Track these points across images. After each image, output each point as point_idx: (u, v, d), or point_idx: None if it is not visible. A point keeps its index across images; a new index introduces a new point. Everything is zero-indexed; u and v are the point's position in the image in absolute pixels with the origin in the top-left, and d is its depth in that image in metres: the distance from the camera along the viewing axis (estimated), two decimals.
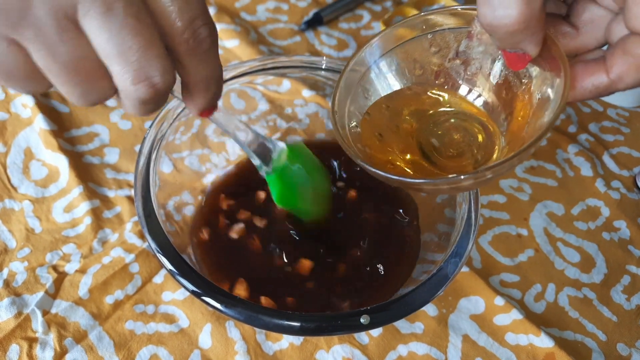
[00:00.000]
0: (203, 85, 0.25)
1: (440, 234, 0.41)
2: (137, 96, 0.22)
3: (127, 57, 0.21)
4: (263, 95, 0.50)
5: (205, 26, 0.23)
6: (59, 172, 0.48)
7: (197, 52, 0.23)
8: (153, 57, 0.21)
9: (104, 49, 0.21)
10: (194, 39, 0.23)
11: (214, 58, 0.25)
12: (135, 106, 0.23)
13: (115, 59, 0.21)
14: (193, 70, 0.24)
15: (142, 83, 0.22)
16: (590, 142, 0.58)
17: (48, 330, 0.39)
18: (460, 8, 0.29)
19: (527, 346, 0.42)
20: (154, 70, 0.22)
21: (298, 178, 0.38)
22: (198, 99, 0.26)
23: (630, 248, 0.50)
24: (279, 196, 0.37)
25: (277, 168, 0.36)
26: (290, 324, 0.31)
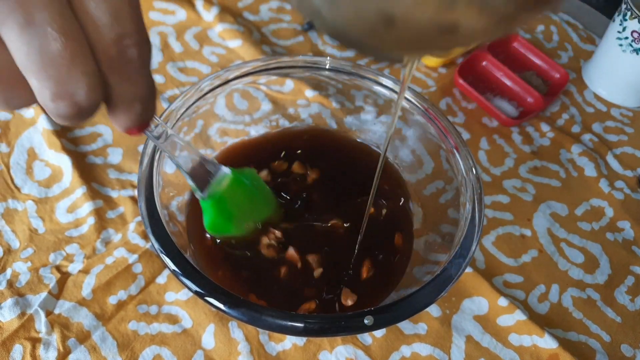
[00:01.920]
0: (126, 103, 0.23)
1: (444, 234, 0.40)
2: (57, 112, 0.21)
3: (47, 73, 0.19)
4: (266, 96, 0.50)
5: (135, 46, 0.21)
6: (62, 172, 0.48)
7: (122, 71, 0.21)
8: (78, 74, 0.20)
9: (22, 61, 0.19)
10: (120, 57, 0.21)
11: (143, 78, 0.23)
12: (56, 119, 0.21)
13: (33, 73, 0.19)
14: (116, 88, 0.22)
15: (62, 100, 0.20)
16: (594, 142, 0.58)
17: (51, 330, 0.39)
18: None
19: (531, 347, 0.42)
20: (78, 87, 0.20)
21: (236, 207, 0.36)
22: (120, 117, 0.24)
23: (634, 249, 0.50)
24: (209, 224, 0.36)
25: (214, 194, 0.34)
26: (294, 324, 0.31)
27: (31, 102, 0.21)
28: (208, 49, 0.60)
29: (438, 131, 0.42)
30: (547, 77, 0.63)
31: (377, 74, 0.44)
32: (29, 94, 0.21)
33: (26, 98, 0.21)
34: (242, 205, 0.36)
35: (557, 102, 0.62)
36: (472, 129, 0.57)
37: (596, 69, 0.63)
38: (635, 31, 0.55)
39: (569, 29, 0.71)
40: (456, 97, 0.60)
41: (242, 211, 0.37)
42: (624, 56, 0.58)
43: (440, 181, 0.44)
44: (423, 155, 0.46)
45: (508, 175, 0.54)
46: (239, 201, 0.36)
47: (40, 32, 0.18)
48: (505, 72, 0.61)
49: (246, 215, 0.38)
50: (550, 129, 0.58)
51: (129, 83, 0.22)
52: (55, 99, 0.20)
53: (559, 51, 0.68)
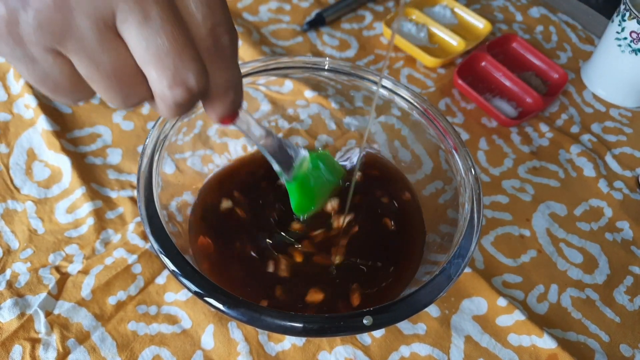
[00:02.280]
0: (222, 91, 0.25)
1: (443, 234, 0.41)
2: (174, 99, 0.23)
3: (164, 63, 0.21)
4: (265, 96, 0.50)
5: (227, 34, 0.23)
6: (61, 172, 0.48)
7: (217, 58, 0.23)
8: (188, 61, 0.22)
9: (142, 55, 0.21)
10: (216, 46, 0.23)
11: (234, 65, 0.25)
12: (171, 109, 0.24)
13: (152, 65, 0.22)
14: (213, 76, 0.24)
15: (178, 87, 0.22)
16: (592, 143, 0.58)
17: (51, 331, 0.39)
18: None
19: (530, 347, 0.42)
20: (189, 73, 0.22)
21: (317, 187, 0.38)
22: (217, 106, 0.26)
23: (633, 249, 0.50)
24: (297, 205, 0.37)
25: (297, 176, 0.36)
26: (293, 324, 0.31)
27: (145, 99, 0.24)
28: None
29: (437, 131, 0.42)
30: (546, 77, 0.63)
31: (376, 75, 0.44)
32: (145, 90, 0.23)
33: (142, 94, 0.23)
34: (320, 184, 0.38)
35: (556, 102, 0.62)
36: (471, 129, 0.57)
37: (595, 69, 0.63)
38: (634, 32, 0.56)
39: (567, 29, 0.71)
40: (455, 98, 0.60)
41: (321, 189, 0.39)
42: (622, 56, 0.58)
43: (440, 181, 0.44)
44: (422, 156, 0.46)
45: (507, 176, 0.54)
46: (317, 180, 0.37)
47: (155, 26, 0.21)
48: (504, 72, 0.62)
49: (324, 192, 0.40)
50: (549, 129, 0.58)
51: (224, 70, 0.24)
52: (172, 86, 0.22)
53: (558, 51, 0.68)
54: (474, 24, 0.68)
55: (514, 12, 0.72)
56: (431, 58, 0.61)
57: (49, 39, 0.20)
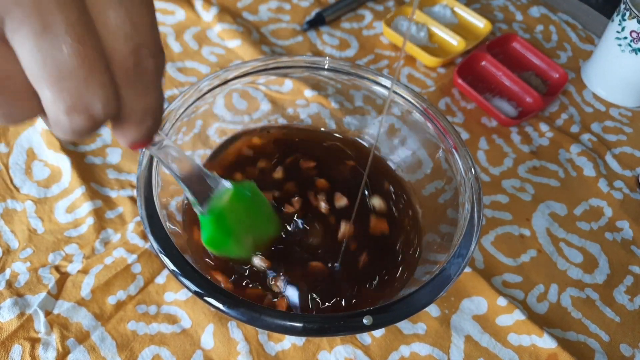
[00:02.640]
0: (137, 118, 0.22)
1: (443, 234, 0.41)
2: (70, 126, 0.19)
3: (63, 85, 0.18)
4: (265, 96, 0.50)
5: (152, 57, 0.20)
6: (61, 172, 0.48)
7: (136, 83, 0.21)
8: (96, 86, 0.19)
9: (35, 72, 0.18)
10: (136, 69, 0.20)
11: (156, 90, 0.22)
12: (66, 134, 0.20)
13: (46, 84, 0.18)
14: (129, 101, 0.21)
15: (78, 113, 0.19)
16: (592, 142, 0.58)
17: (50, 330, 0.39)
18: None
19: (530, 347, 0.42)
20: (94, 100, 0.19)
21: (237, 222, 0.34)
22: (129, 132, 0.23)
23: (633, 248, 0.50)
24: (208, 239, 0.33)
25: (214, 209, 0.32)
26: (293, 324, 0.31)
27: (33, 116, 0.20)
28: (207, 49, 0.60)
29: (437, 131, 0.42)
30: (546, 77, 0.63)
31: (376, 74, 0.44)
32: (34, 107, 0.20)
33: (30, 111, 0.20)
34: (243, 221, 0.35)
35: (556, 102, 0.62)
36: (471, 128, 0.57)
37: (595, 69, 0.63)
38: (634, 31, 0.56)
39: (568, 28, 0.71)
40: (455, 97, 0.60)
41: (243, 227, 0.35)
42: (622, 56, 0.58)
43: (439, 181, 0.44)
44: (422, 155, 0.46)
45: (507, 175, 0.54)
46: (239, 217, 0.34)
47: (57, 40, 0.17)
48: (504, 72, 0.61)
49: (246, 232, 0.36)
50: (549, 128, 0.58)
51: (142, 96, 0.21)
52: (70, 112, 0.19)
53: (558, 51, 0.68)
54: (474, 24, 0.68)
55: (514, 12, 0.72)
56: (431, 57, 0.61)
57: None
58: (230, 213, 0.33)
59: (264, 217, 0.38)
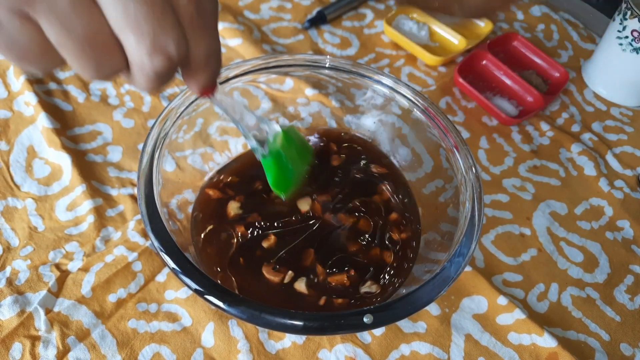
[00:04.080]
0: (202, 60, 0.24)
1: (443, 233, 0.41)
2: (153, 68, 0.22)
3: (143, 28, 0.20)
4: (266, 94, 0.50)
5: (209, 1, 0.23)
6: (61, 170, 0.48)
7: (198, 26, 0.23)
8: (167, 27, 0.21)
9: (119, 21, 0.20)
10: (197, 12, 0.22)
11: (214, 34, 0.24)
12: (149, 79, 0.22)
13: (130, 30, 0.20)
14: (194, 44, 0.23)
15: (157, 54, 0.21)
16: (593, 142, 0.58)
17: (51, 328, 0.39)
18: None
19: (530, 346, 0.42)
20: (169, 40, 0.21)
21: (291, 161, 0.38)
22: (198, 76, 0.25)
23: (634, 248, 0.50)
24: (274, 181, 0.37)
25: (272, 151, 0.36)
26: (293, 322, 0.31)
27: (120, 69, 0.22)
28: None
29: (438, 130, 0.42)
30: (547, 76, 0.63)
31: (377, 73, 0.44)
32: (120, 59, 0.22)
33: (116, 63, 0.22)
34: (295, 158, 0.38)
35: (556, 101, 0.62)
36: (471, 127, 0.57)
37: (596, 68, 0.63)
38: (636, 30, 0.55)
39: (569, 27, 0.71)
40: (456, 96, 0.60)
41: (296, 163, 0.39)
42: (624, 55, 0.58)
43: (440, 180, 0.44)
44: (423, 154, 0.46)
45: (508, 174, 0.54)
46: (292, 155, 0.38)
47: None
48: (505, 71, 0.61)
49: (298, 166, 0.40)
50: (550, 128, 0.58)
51: (204, 38, 0.23)
52: (151, 53, 0.21)
53: (559, 50, 0.68)
54: (475, 23, 0.68)
55: (516, 11, 0.72)
56: (432, 56, 0.61)
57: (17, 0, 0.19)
58: (285, 152, 0.37)
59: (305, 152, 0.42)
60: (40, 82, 0.53)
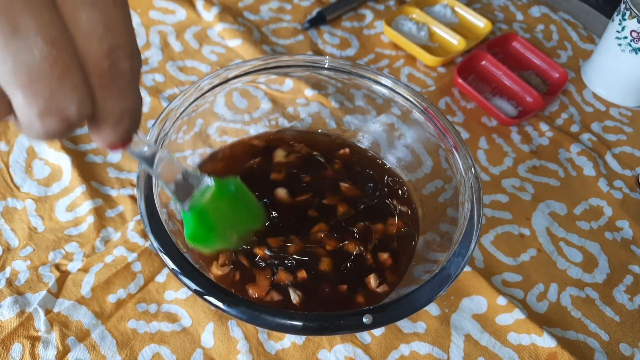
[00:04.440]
0: (114, 120, 0.21)
1: (443, 233, 0.41)
2: (43, 130, 0.19)
3: (35, 88, 0.18)
4: (265, 94, 0.50)
5: (128, 58, 0.20)
6: (61, 171, 0.48)
7: (112, 85, 0.20)
8: (69, 88, 0.18)
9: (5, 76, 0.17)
10: (111, 71, 0.20)
11: (133, 91, 0.21)
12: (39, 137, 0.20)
13: (19, 88, 0.18)
14: (104, 103, 0.20)
15: (51, 117, 0.18)
16: (592, 142, 0.58)
17: (50, 329, 0.39)
18: None
19: (530, 346, 0.42)
20: (68, 102, 0.18)
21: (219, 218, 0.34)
22: (106, 134, 0.22)
23: (633, 248, 0.50)
24: (190, 235, 0.34)
25: (195, 207, 0.32)
26: (293, 323, 0.31)
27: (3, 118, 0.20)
28: (208, 48, 0.60)
29: (437, 130, 0.42)
30: (546, 76, 0.63)
31: (376, 74, 0.44)
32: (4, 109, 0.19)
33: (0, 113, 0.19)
34: (225, 217, 0.35)
35: (556, 101, 0.62)
36: (471, 128, 0.57)
37: (595, 68, 0.63)
38: (634, 31, 0.56)
39: (568, 28, 0.71)
40: (455, 97, 0.60)
41: (225, 223, 0.36)
42: (623, 56, 0.58)
43: (439, 180, 0.44)
44: (422, 155, 0.46)
45: (507, 175, 0.54)
46: (221, 213, 0.34)
47: (27, 43, 0.17)
48: (504, 71, 0.62)
49: (230, 227, 0.37)
50: (549, 128, 0.58)
51: (119, 97, 0.21)
52: (43, 116, 0.18)
53: (558, 50, 0.68)
54: (475, 23, 0.68)
55: (515, 12, 0.72)
56: (431, 57, 0.61)
57: None
58: (213, 209, 0.33)
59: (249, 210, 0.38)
60: None
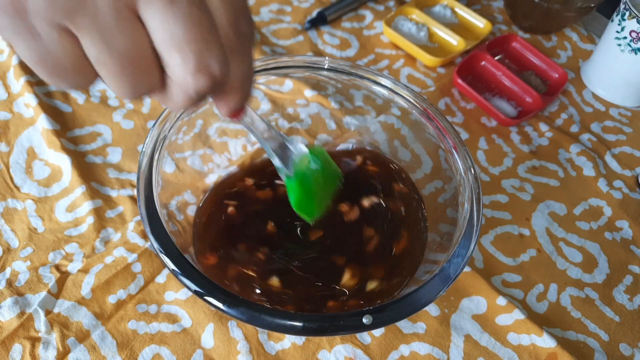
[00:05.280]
0: (237, 84, 0.24)
1: (443, 234, 0.41)
2: (196, 87, 0.22)
3: (190, 48, 0.20)
4: (265, 95, 0.50)
5: (248, 26, 0.23)
6: (61, 171, 0.48)
7: (236, 49, 0.23)
8: (213, 47, 0.21)
9: (165, 39, 0.20)
10: (237, 36, 0.23)
11: (250, 58, 0.25)
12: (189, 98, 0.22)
13: (176, 49, 0.20)
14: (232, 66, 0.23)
15: (202, 73, 0.21)
16: (592, 142, 0.58)
17: (51, 329, 0.39)
18: None
19: (530, 346, 0.42)
20: (213, 60, 0.21)
21: (316, 184, 0.37)
22: (231, 99, 0.25)
23: (633, 248, 0.50)
24: (297, 202, 0.36)
25: (297, 172, 0.35)
26: (293, 323, 0.31)
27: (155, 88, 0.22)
28: None
29: (437, 131, 0.42)
30: (546, 76, 0.63)
31: (376, 74, 0.44)
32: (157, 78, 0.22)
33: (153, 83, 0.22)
34: (319, 181, 0.38)
35: (555, 101, 0.62)
36: (470, 128, 0.57)
37: (595, 68, 0.63)
38: (634, 31, 0.56)
39: (568, 28, 0.71)
40: (455, 97, 0.60)
41: (320, 187, 0.38)
42: (622, 56, 0.58)
43: (439, 181, 0.44)
44: (422, 155, 0.46)
45: (507, 175, 0.54)
46: (317, 177, 0.37)
47: (182, 9, 0.20)
48: (504, 71, 0.62)
49: (323, 190, 0.39)
50: (548, 128, 0.58)
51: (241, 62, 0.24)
52: (196, 72, 0.21)
53: (558, 51, 0.68)
54: (474, 24, 0.68)
55: None
56: (431, 57, 0.61)
57: (59, 13, 0.19)
58: (310, 174, 0.36)
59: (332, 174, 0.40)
60: (40, 83, 0.53)
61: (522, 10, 0.67)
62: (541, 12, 0.65)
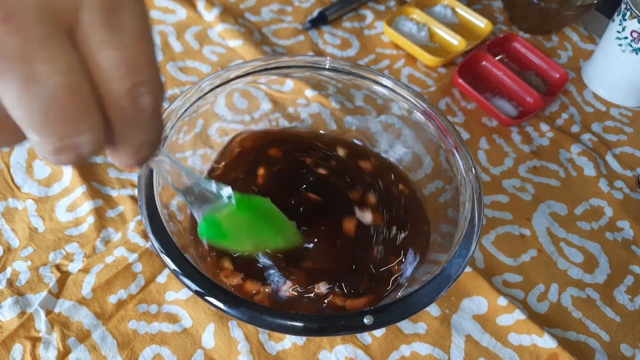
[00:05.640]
0: (132, 149, 0.21)
1: (444, 234, 0.41)
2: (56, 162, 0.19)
3: (50, 129, 0.17)
4: (266, 95, 0.50)
5: (150, 94, 0.19)
6: (62, 171, 0.48)
7: (132, 120, 0.20)
8: (84, 129, 0.18)
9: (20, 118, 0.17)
10: (133, 107, 0.19)
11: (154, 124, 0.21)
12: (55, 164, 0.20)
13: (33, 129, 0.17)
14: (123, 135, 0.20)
15: (64, 153, 0.18)
16: (593, 142, 0.58)
17: (51, 329, 0.39)
18: None
19: (530, 346, 0.42)
20: (82, 141, 0.18)
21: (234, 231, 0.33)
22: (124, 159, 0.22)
23: (634, 248, 0.50)
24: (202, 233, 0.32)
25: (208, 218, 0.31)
26: (294, 324, 0.31)
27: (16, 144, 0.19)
28: (208, 48, 0.60)
29: (437, 131, 0.42)
30: (547, 76, 0.63)
31: (377, 74, 0.44)
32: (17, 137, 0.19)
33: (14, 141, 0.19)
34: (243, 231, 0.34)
35: (556, 101, 0.62)
36: (471, 128, 0.57)
37: (596, 68, 0.63)
38: (635, 31, 0.56)
39: (568, 28, 0.71)
40: (456, 97, 0.60)
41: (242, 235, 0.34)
42: (623, 56, 0.58)
43: (440, 181, 0.44)
44: (422, 155, 0.46)
45: (507, 175, 0.54)
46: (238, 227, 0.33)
47: (44, 89, 0.16)
48: (504, 71, 0.61)
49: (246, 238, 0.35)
50: (549, 128, 0.58)
51: (138, 131, 0.20)
52: (57, 153, 0.18)
53: (559, 50, 0.68)
54: (475, 23, 0.68)
55: None
56: (432, 57, 0.61)
57: None
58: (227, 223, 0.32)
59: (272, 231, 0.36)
60: None
61: (521, 12, 0.67)
62: (539, 12, 0.65)
